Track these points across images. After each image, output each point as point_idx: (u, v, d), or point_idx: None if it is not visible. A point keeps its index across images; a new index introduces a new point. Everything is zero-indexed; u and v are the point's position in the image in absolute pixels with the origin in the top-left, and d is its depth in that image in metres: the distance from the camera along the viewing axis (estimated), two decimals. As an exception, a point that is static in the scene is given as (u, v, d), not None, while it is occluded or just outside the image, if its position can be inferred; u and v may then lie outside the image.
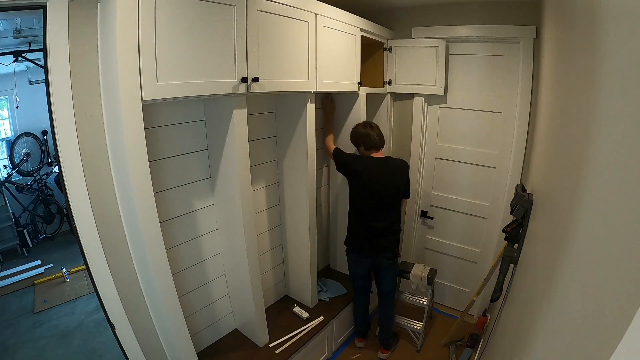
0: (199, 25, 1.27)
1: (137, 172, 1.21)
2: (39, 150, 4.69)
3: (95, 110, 1.25)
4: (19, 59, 3.32)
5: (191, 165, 1.70)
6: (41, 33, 1.15)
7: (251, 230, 1.74)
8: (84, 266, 1.32)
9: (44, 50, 1.13)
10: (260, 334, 1.97)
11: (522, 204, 1.48)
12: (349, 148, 2.29)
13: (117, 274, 1.39)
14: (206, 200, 1.81)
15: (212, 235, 1.87)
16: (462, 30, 2.39)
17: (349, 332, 2.61)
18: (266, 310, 2.03)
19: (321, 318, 2.22)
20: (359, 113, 2.36)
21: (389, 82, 2.61)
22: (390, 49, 2.54)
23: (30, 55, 3.34)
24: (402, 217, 2.30)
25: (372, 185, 2.04)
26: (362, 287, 2.36)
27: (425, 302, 2.52)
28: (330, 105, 2.39)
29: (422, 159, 2.81)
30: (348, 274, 2.69)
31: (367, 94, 2.41)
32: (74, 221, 1.25)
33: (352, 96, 2.34)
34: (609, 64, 0.65)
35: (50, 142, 4.59)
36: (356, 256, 2.22)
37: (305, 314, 2.23)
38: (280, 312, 2.30)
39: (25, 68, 4.04)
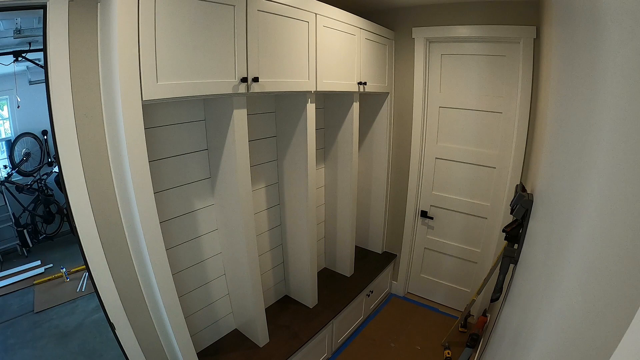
0: (199, 25, 1.27)
1: (137, 172, 1.21)
2: (39, 150, 4.69)
3: (95, 110, 1.25)
4: (19, 59, 3.32)
5: (191, 165, 1.70)
6: (41, 33, 1.15)
7: (251, 230, 1.74)
8: (84, 266, 1.32)
9: (44, 50, 1.13)
10: (260, 334, 1.97)
11: (522, 204, 1.47)
12: (345, 154, 2.26)
13: (117, 274, 1.39)
14: (206, 200, 1.80)
15: (212, 235, 1.87)
16: (462, 30, 2.39)
17: (350, 332, 2.61)
18: (266, 310, 2.03)
19: (321, 318, 2.22)
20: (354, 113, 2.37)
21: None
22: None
23: (30, 55, 3.34)
24: None
25: None
26: None
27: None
28: None
29: (422, 159, 2.81)
30: (348, 276, 2.71)
31: (368, 93, 2.41)
32: (74, 221, 1.25)
33: (353, 96, 2.34)
34: (609, 64, 0.65)
35: (50, 142, 4.59)
36: None
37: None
38: (280, 312, 2.30)
39: (25, 68, 4.04)
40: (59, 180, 1.41)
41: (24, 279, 3.71)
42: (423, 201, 2.90)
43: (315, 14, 1.79)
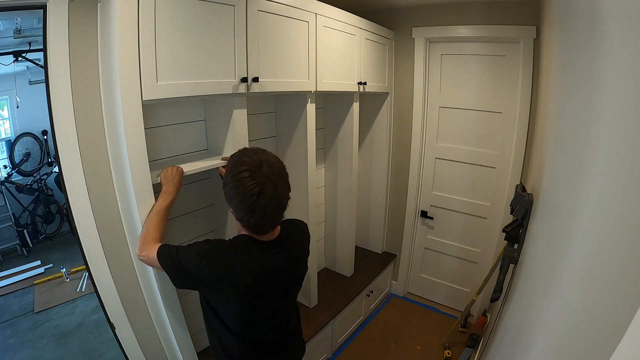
0: (199, 25, 1.27)
1: (137, 172, 1.21)
2: (39, 150, 4.69)
3: (95, 110, 1.25)
4: (19, 59, 3.33)
5: (191, 165, 1.70)
6: (41, 33, 1.15)
7: (251, 230, 1.73)
8: (84, 266, 1.32)
9: (44, 50, 1.13)
10: (260, 334, 1.96)
11: (522, 204, 1.48)
12: (345, 154, 2.24)
13: (117, 274, 1.39)
14: (206, 199, 1.80)
15: (212, 235, 1.87)
16: (462, 30, 2.39)
17: (350, 332, 2.61)
18: (266, 310, 2.03)
19: (321, 318, 2.22)
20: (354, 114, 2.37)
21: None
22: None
23: (30, 55, 3.34)
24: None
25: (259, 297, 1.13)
26: None
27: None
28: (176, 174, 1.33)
29: (422, 159, 2.81)
30: (348, 276, 2.70)
31: (368, 93, 2.41)
32: (74, 221, 1.25)
33: (353, 96, 2.33)
34: (608, 64, 0.65)
35: (50, 142, 4.59)
36: None
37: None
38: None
39: (25, 68, 4.04)
40: (59, 180, 1.40)
41: (24, 279, 3.71)
42: (423, 201, 2.90)
43: (315, 14, 1.79)
